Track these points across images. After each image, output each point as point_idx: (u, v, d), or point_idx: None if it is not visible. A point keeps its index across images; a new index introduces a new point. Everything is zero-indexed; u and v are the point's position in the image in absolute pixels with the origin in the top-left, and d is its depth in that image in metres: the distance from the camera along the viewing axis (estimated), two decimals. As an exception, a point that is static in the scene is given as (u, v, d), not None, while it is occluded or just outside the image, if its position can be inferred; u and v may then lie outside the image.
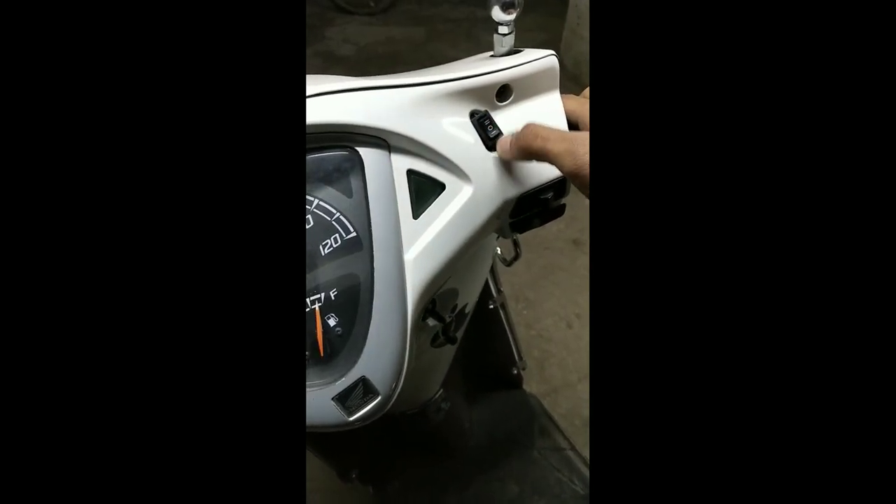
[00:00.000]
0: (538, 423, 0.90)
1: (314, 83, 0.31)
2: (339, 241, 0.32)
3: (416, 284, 0.33)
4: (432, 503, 0.83)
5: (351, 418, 0.32)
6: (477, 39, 2.84)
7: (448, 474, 0.84)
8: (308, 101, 0.30)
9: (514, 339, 0.85)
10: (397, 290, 0.33)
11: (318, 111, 0.30)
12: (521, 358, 0.89)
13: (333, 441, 0.73)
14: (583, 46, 2.25)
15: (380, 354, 0.32)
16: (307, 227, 0.31)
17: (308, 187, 0.31)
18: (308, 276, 0.31)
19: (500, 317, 0.79)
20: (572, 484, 0.81)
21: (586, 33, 2.21)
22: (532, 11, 2.88)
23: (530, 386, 1.12)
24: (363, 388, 0.32)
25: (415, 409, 0.69)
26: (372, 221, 0.32)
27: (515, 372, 0.90)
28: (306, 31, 2.90)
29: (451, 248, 0.35)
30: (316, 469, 1.02)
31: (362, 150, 0.32)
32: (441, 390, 0.70)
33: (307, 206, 0.31)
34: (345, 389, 0.31)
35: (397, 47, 2.78)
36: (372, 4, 3.10)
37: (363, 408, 0.32)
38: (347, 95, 0.31)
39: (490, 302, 0.75)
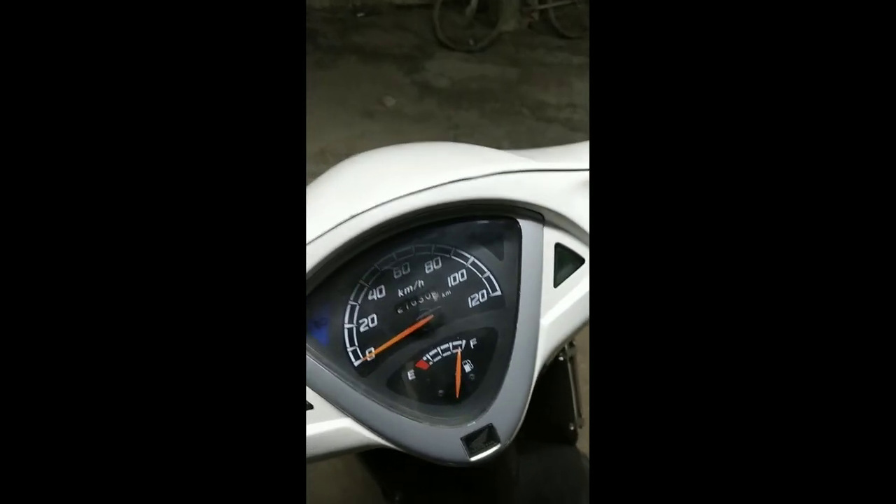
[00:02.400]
0: (588, 488, 0.86)
1: (490, 161, 0.35)
2: (485, 298, 0.36)
3: (546, 348, 0.36)
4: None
5: (471, 459, 0.34)
6: (569, 85, 2.87)
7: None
8: (485, 178, 0.34)
9: (577, 395, 0.83)
10: (531, 350, 0.35)
11: (492, 188, 0.34)
12: (580, 415, 0.86)
13: (385, 457, 0.74)
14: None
15: (508, 407, 0.35)
16: (461, 280, 0.35)
17: (467, 246, 0.36)
18: (454, 323, 0.35)
19: (567, 370, 0.77)
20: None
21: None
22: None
23: (582, 443, 1.07)
24: (488, 434, 0.34)
25: None
26: (522, 285, 0.35)
27: (572, 428, 0.87)
28: (407, 60, 3.09)
29: (581, 317, 0.37)
30: (358, 484, 1.03)
31: (522, 222, 0.36)
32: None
33: (463, 263, 0.36)
34: (473, 432, 0.34)
35: (489, 85, 2.87)
36: (471, 43, 3.24)
37: (483, 452, 0.34)
38: (517, 175, 0.35)
39: (560, 354, 0.74)
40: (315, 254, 0.32)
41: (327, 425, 0.33)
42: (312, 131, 2.31)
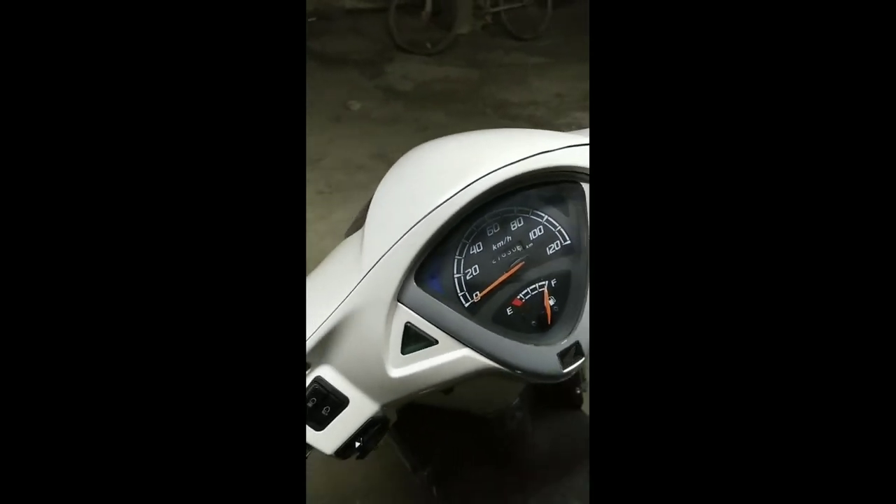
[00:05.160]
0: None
1: (559, 138, 0.42)
2: (559, 246, 0.43)
3: None
4: (493, 510, 0.85)
5: (564, 370, 0.41)
6: (528, 84, 2.99)
7: (512, 485, 0.87)
8: (561, 150, 0.41)
9: (585, 359, 0.90)
10: None
11: (557, 159, 0.42)
12: (584, 378, 0.94)
13: (416, 435, 0.78)
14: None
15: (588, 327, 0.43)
16: (540, 234, 0.43)
17: (542, 206, 0.44)
18: (538, 268, 0.43)
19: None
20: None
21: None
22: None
23: (588, 406, 1.14)
24: (575, 350, 0.42)
25: (493, 414, 0.74)
26: (591, 235, 0.43)
27: (578, 391, 0.94)
28: (368, 65, 3.11)
29: None
30: (378, 472, 1.06)
31: (584, 185, 0.44)
32: (518, 398, 0.76)
33: (539, 220, 0.43)
34: (566, 348, 0.42)
35: (453, 86, 2.95)
36: (429, 46, 3.31)
37: (571, 364, 0.42)
38: (578, 149, 0.43)
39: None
40: (441, 216, 0.38)
41: (451, 355, 0.40)
42: (282, 138, 2.30)
